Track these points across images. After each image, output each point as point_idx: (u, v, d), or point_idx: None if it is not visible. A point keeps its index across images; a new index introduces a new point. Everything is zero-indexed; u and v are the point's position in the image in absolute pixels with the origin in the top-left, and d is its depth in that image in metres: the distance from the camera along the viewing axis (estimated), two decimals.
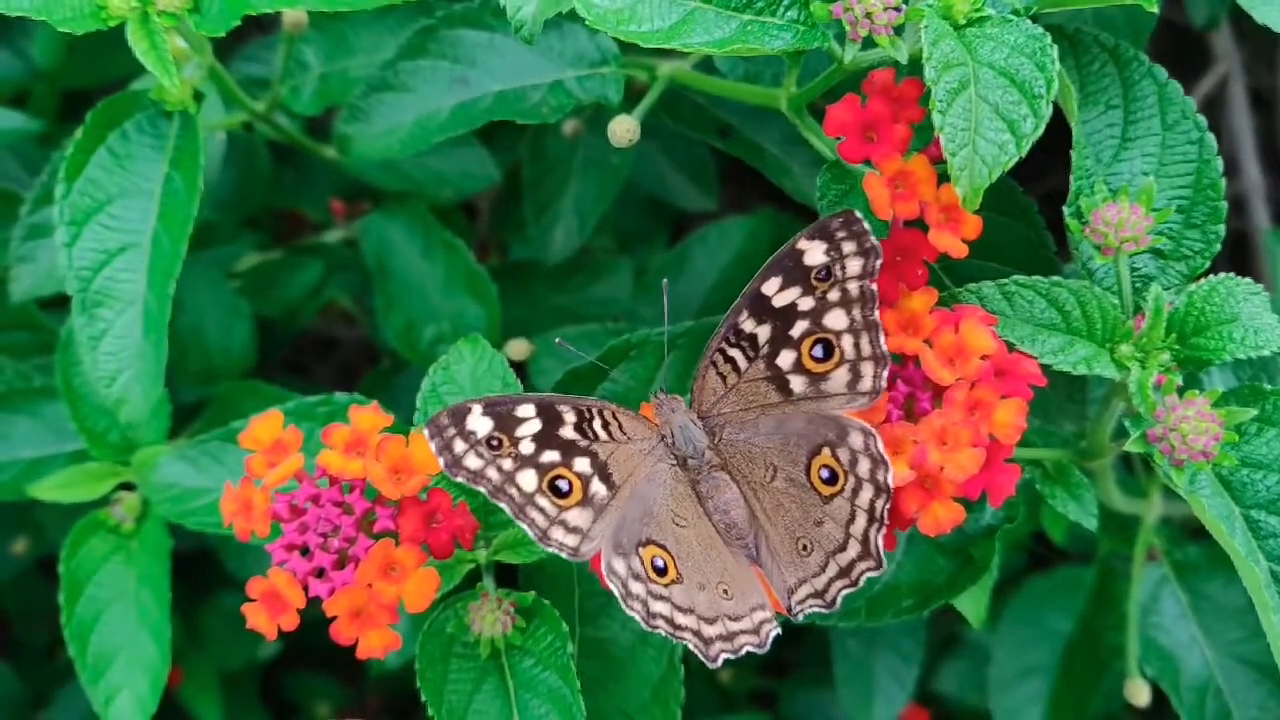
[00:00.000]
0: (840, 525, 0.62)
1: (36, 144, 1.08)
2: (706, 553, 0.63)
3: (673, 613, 0.62)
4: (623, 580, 0.61)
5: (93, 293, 0.77)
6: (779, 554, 0.63)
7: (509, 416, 0.62)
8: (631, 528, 0.63)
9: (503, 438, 0.61)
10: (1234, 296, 0.65)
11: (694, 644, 0.62)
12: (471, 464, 0.61)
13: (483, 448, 0.61)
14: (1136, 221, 0.64)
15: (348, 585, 0.63)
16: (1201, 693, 0.89)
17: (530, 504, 0.61)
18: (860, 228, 0.60)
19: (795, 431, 0.63)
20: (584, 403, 0.63)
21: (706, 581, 0.62)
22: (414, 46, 0.85)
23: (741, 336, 0.63)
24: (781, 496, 0.63)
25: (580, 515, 0.62)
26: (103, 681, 0.83)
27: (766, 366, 0.63)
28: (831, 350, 0.61)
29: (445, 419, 0.61)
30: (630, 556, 0.62)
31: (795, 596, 0.63)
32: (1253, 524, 0.66)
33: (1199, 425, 0.62)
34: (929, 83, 0.57)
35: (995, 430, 0.60)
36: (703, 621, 0.62)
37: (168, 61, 0.71)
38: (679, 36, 0.61)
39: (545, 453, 0.62)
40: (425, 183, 1.00)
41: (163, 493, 0.83)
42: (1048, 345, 0.63)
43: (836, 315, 0.61)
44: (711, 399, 0.64)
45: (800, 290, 0.61)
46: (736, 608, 0.62)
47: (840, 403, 0.62)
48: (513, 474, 0.61)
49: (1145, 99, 0.69)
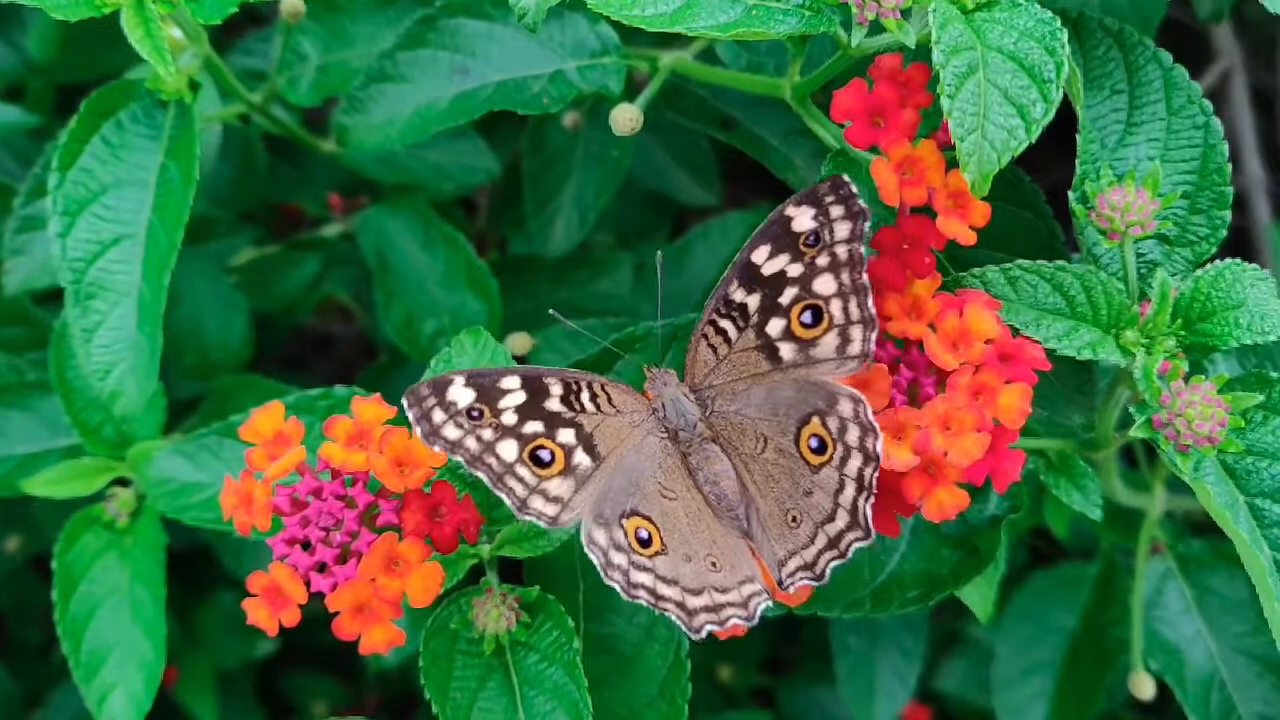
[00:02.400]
0: (829, 495, 0.61)
1: (31, 138, 1.07)
2: (694, 525, 0.63)
3: (655, 583, 0.62)
4: (603, 550, 0.61)
5: (86, 284, 0.77)
6: (769, 526, 0.63)
7: (492, 388, 0.62)
8: (615, 499, 0.62)
9: (484, 408, 0.61)
10: (1240, 282, 0.64)
11: (676, 615, 0.62)
12: (449, 434, 0.61)
13: (462, 418, 0.61)
14: (1142, 206, 0.63)
15: (350, 580, 0.62)
16: (1206, 686, 0.89)
17: (509, 473, 0.61)
18: (848, 191, 0.60)
19: (785, 401, 0.63)
20: (571, 375, 0.63)
21: (693, 554, 0.62)
22: (413, 36, 0.84)
23: (732, 306, 0.63)
24: (771, 467, 0.63)
25: (561, 485, 0.62)
26: (96, 679, 0.82)
27: (756, 335, 0.63)
28: (820, 315, 0.61)
29: (425, 389, 0.61)
30: (612, 527, 0.62)
31: (785, 569, 0.62)
32: (1257, 512, 0.65)
33: (1205, 410, 0.62)
34: (937, 67, 0.56)
35: (1000, 415, 0.60)
36: (687, 593, 0.62)
37: (163, 49, 0.70)
38: (683, 20, 0.60)
39: (528, 424, 0.62)
40: (425, 176, 0.99)
41: (159, 487, 0.83)
42: (1052, 330, 0.63)
43: (825, 280, 0.61)
44: (703, 371, 0.64)
45: (789, 257, 0.61)
46: (724, 580, 0.62)
47: (830, 368, 0.62)
48: (492, 444, 0.61)
49: (1150, 84, 0.69)
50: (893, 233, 0.63)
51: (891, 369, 0.62)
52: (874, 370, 0.62)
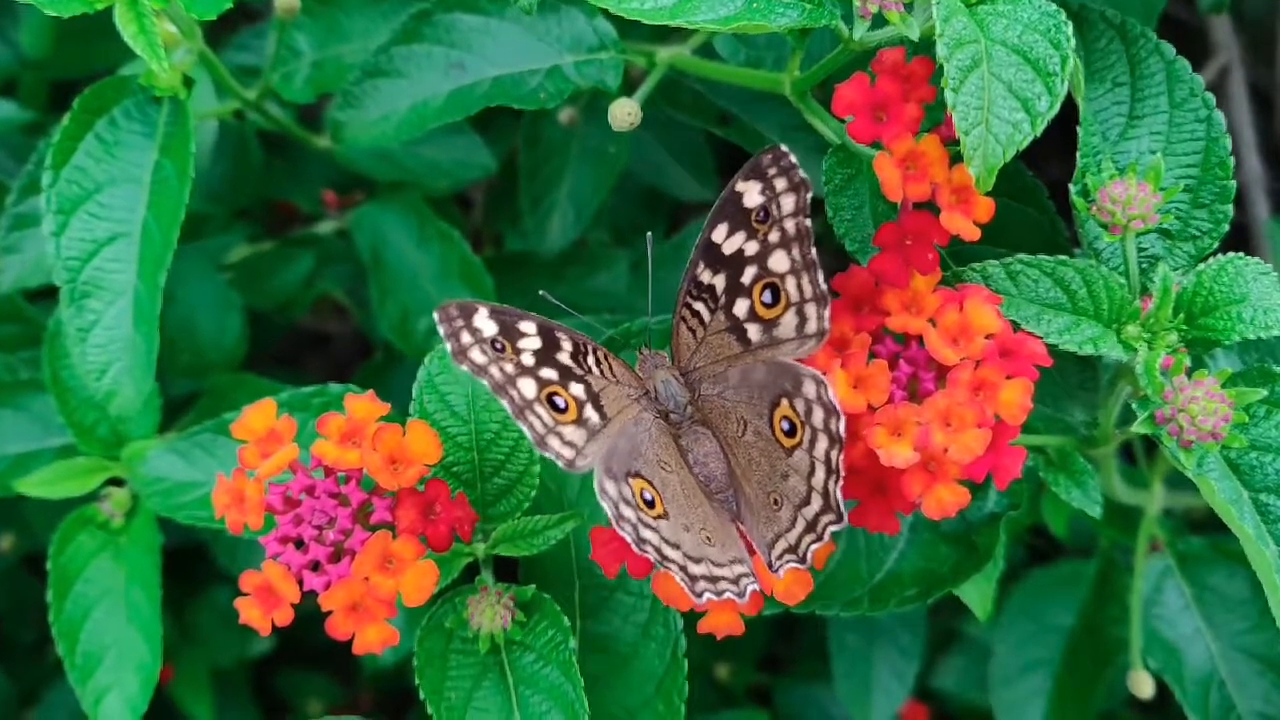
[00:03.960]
0: (803, 478, 0.61)
1: (25, 134, 1.06)
2: (690, 500, 0.63)
3: (661, 543, 0.62)
4: (614, 501, 0.61)
5: (81, 283, 0.76)
6: (755, 509, 0.63)
7: (513, 327, 0.62)
8: (621, 458, 0.63)
9: (506, 344, 0.61)
10: (1243, 276, 0.64)
11: (680, 577, 0.62)
12: (477, 358, 0.61)
13: (487, 346, 0.61)
14: (1144, 199, 0.63)
15: (344, 578, 0.62)
16: (1205, 685, 0.89)
17: (530, 409, 0.61)
18: (788, 162, 0.60)
19: (758, 383, 0.63)
20: (580, 336, 0.63)
21: (690, 525, 0.62)
22: (408, 32, 0.83)
23: (701, 288, 0.63)
24: (752, 451, 0.63)
25: (575, 432, 0.62)
26: (92, 681, 0.82)
27: (726, 317, 0.63)
28: (778, 294, 0.61)
29: (454, 309, 0.61)
30: (620, 483, 0.62)
31: (774, 551, 0.62)
32: (1261, 507, 0.65)
33: (1208, 406, 0.61)
34: (940, 60, 0.56)
35: (1001, 410, 0.59)
36: (689, 559, 0.62)
37: (156, 45, 0.70)
38: (683, 14, 0.60)
39: (544, 369, 0.62)
40: (420, 172, 0.99)
41: (153, 486, 0.82)
42: (1053, 325, 0.63)
43: (779, 257, 0.61)
44: (686, 354, 0.64)
45: (745, 234, 0.61)
46: (718, 555, 0.62)
47: (792, 348, 0.62)
48: (514, 377, 0.61)
49: (1153, 76, 0.68)
50: (895, 228, 0.63)
51: (891, 364, 0.61)
52: (874, 366, 0.61)
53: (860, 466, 0.62)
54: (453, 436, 0.69)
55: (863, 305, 0.64)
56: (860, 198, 0.68)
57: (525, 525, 0.68)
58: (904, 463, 0.59)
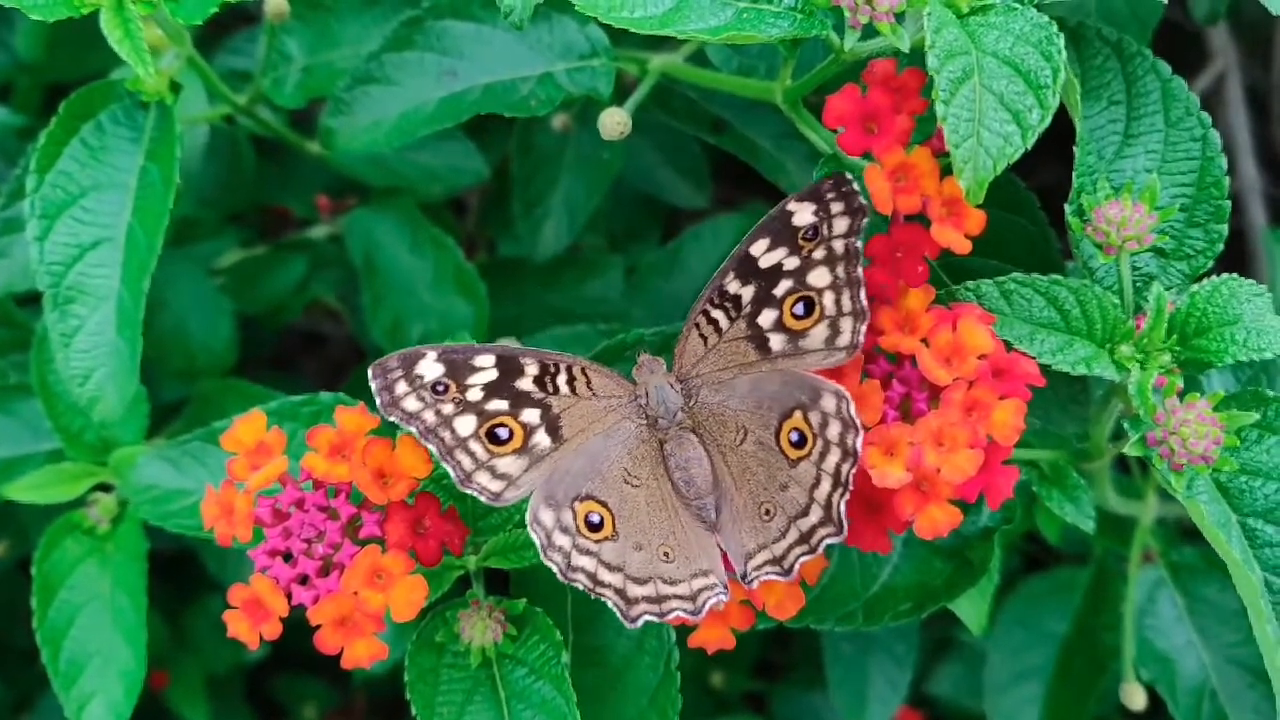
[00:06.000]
0: (805, 490, 0.61)
1: (17, 138, 1.06)
2: (654, 515, 0.63)
3: (597, 568, 0.62)
4: (547, 531, 0.62)
5: (65, 288, 0.76)
6: (741, 519, 0.63)
7: (463, 365, 0.62)
8: (569, 481, 0.63)
9: (450, 383, 0.62)
10: (1236, 298, 0.64)
11: (614, 601, 0.62)
12: (410, 406, 0.62)
13: (426, 391, 0.62)
14: (1139, 220, 0.62)
15: (332, 593, 0.61)
16: (1198, 696, 0.89)
17: (461, 447, 0.62)
18: (849, 189, 0.61)
19: (769, 393, 0.63)
20: (552, 357, 0.64)
21: (646, 543, 0.62)
22: (400, 38, 0.83)
23: (726, 297, 0.63)
24: (749, 459, 0.63)
25: (513, 463, 0.62)
26: (75, 688, 0.81)
27: (747, 326, 0.63)
28: (813, 307, 0.62)
29: (394, 362, 0.62)
30: (561, 509, 0.62)
31: (752, 562, 0.62)
32: (1250, 532, 0.65)
33: (1199, 429, 0.61)
34: (932, 72, 0.55)
35: (993, 431, 0.59)
36: (630, 581, 0.62)
37: (142, 50, 0.69)
38: (673, 23, 0.59)
39: (493, 401, 0.62)
40: (413, 178, 0.98)
41: (142, 494, 0.81)
42: (1046, 345, 0.62)
43: (820, 273, 0.61)
44: (691, 360, 0.64)
45: (787, 250, 0.62)
46: (675, 572, 0.62)
47: (817, 359, 0.62)
48: (450, 418, 0.62)
49: (1149, 95, 0.68)
50: (885, 241, 0.62)
51: (884, 384, 0.61)
52: (867, 385, 0.61)
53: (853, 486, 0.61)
54: None
55: None
56: None
57: (516, 538, 0.67)
58: (896, 483, 0.59)
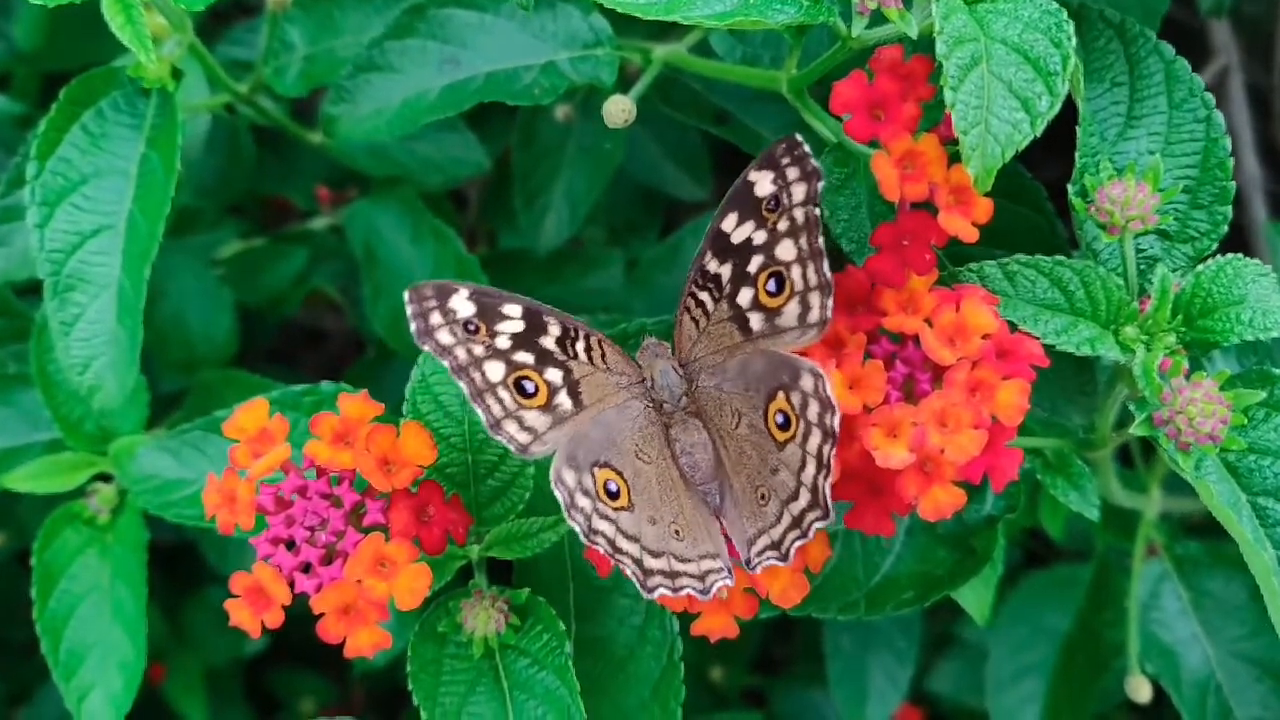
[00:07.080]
0: (793, 473, 0.61)
1: (16, 126, 1.05)
2: (664, 493, 0.63)
3: (616, 535, 0.61)
4: (570, 491, 0.61)
5: (65, 276, 0.75)
6: (741, 504, 0.62)
7: (494, 309, 0.62)
8: (590, 447, 0.62)
9: (481, 325, 0.61)
10: (1242, 277, 0.64)
11: (632, 570, 0.61)
12: (443, 339, 0.61)
13: (458, 327, 0.61)
14: (1143, 200, 0.62)
15: (336, 581, 0.61)
16: (1202, 689, 0.88)
17: (490, 392, 0.61)
18: (801, 151, 0.59)
19: (755, 375, 0.62)
20: (572, 321, 0.63)
21: (659, 518, 0.62)
22: (402, 26, 0.83)
23: (708, 277, 0.63)
24: (744, 444, 0.63)
25: (539, 418, 0.62)
26: (75, 679, 0.81)
27: (729, 306, 0.63)
28: (783, 283, 0.61)
29: (429, 290, 0.61)
30: (582, 472, 0.62)
31: (755, 548, 0.62)
32: (1260, 511, 0.64)
33: (1206, 408, 0.61)
34: (940, 58, 0.55)
35: (997, 411, 0.59)
36: (646, 553, 0.61)
37: (144, 35, 0.69)
38: (679, 9, 0.59)
39: (519, 353, 0.62)
40: (414, 169, 0.98)
41: (142, 484, 0.81)
42: (1051, 326, 0.62)
43: (786, 246, 0.61)
44: (688, 344, 0.64)
45: (754, 224, 0.61)
46: (685, 550, 0.62)
47: (793, 337, 0.62)
48: (480, 360, 0.61)
49: (1151, 76, 0.68)
50: (892, 228, 0.62)
51: (887, 365, 0.60)
52: (869, 366, 0.60)
53: (856, 468, 0.61)
54: (446, 438, 0.68)
55: (858, 305, 0.63)
56: (857, 197, 0.68)
57: (519, 528, 0.67)
58: (899, 464, 0.58)
